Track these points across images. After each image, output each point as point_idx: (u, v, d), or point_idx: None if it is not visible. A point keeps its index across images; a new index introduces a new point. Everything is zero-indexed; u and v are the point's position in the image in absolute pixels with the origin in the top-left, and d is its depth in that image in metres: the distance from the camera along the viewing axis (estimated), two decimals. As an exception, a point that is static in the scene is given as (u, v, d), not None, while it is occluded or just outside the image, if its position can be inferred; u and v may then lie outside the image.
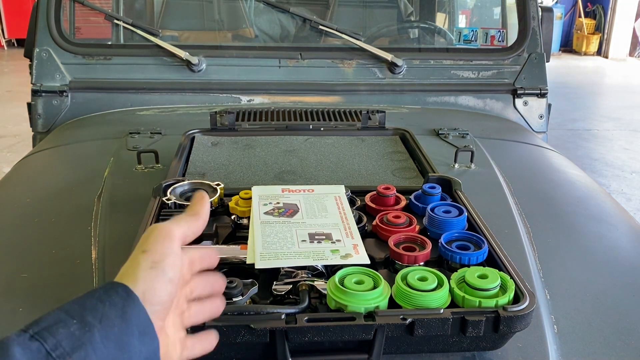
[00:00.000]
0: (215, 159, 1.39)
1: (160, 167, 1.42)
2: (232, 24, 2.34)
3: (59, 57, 1.91)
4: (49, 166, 1.62)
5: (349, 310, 0.75)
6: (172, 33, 2.28)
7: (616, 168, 5.17)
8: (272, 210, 1.01)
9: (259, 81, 1.97)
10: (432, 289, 0.77)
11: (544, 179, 1.54)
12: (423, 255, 0.88)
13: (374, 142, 1.52)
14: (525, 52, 2.02)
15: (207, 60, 1.95)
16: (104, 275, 0.97)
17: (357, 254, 0.88)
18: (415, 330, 0.74)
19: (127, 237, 0.96)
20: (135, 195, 1.24)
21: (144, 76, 1.94)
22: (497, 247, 0.90)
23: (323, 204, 1.04)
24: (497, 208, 1.25)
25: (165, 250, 0.61)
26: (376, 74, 2.00)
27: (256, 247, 0.88)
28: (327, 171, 1.33)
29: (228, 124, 1.56)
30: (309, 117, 1.68)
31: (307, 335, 0.73)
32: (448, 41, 2.34)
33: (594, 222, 1.31)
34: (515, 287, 0.79)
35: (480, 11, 2.97)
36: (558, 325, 0.90)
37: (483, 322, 0.74)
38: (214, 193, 1.06)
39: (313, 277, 0.84)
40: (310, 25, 2.05)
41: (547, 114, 2.04)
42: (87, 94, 1.92)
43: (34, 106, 1.91)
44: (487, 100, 2.03)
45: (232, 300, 0.76)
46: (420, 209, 1.07)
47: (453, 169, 1.47)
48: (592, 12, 11.62)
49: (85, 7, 2.03)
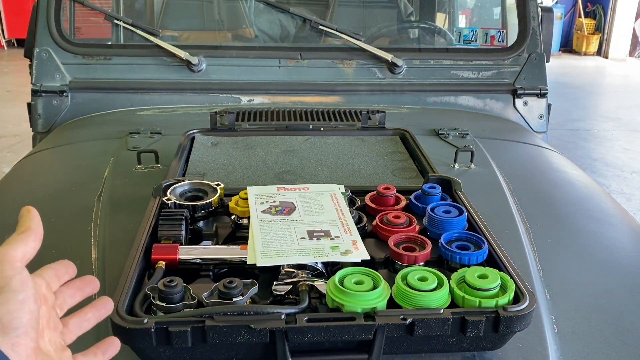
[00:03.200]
0: (215, 159, 1.39)
1: (160, 167, 1.42)
2: (232, 24, 2.34)
3: (59, 57, 1.91)
4: (49, 166, 1.62)
5: (349, 310, 0.75)
6: (172, 33, 2.27)
7: (616, 168, 5.17)
8: (269, 208, 1.01)
9: (259, 81, 1.97)
10: (432, 289, 0.77)
11: (544, 179, 1.54)
12: (423, 255, 0.88)
13: (374, 142, 1.52)
14: (525, 52, 2.01)
15: (207, 60, 1.95)
16: (104, 275, 0.97)
17: (356, 249, 0.88)
18: (415, 330, 0.74)
19: (127, 237, 0.96)
20: (135, 195, 1.24)
21: (144, 76, 1.94)
22: (497, 247, 0.90)
23: (319, 201, 1.04)
24: (497, 208, 1.25)
25: (7, 273, 0.57)
26: (376, 74, 2.00)
27: (256, 245, 0.88)
28: (327, 171, 1.33)
29: (228, 124, 1.56)
30: (309, 117, 1.68)
31: (307, 335, 0.73)
32: (448, 41, 2.34)
33: (594, 222, 1.31)
34: (515, 287, 0.79)
35: (480, 11, 2.97)
36: (558, 325, 0.90)
37: (483, 322, 0.74)
38: (214, 193, 1.06)
39: (313, 277, 0.84)
40: (310, 25, 2.05)
41: (547, 114, 2.04)
42: (87, 94, 1.92)
43: (34, 106, 1.91)
44: (487, 100, 2.03)
45: (232, 300, 0.76)
46: (420, 209, 1.07)
47: (453, 169, 1.47)
48: (592, 12, 11.61)
49: (85, 7, 2.03)
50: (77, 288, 0.68)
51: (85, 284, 0.69)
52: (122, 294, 0.76)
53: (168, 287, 0.76)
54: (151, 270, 0.88)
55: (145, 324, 0.71)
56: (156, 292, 0.77)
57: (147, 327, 0.71)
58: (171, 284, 0.77)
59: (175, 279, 0.78)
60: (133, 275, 0.81)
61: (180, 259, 0.89)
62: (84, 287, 0.68)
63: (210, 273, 0.90)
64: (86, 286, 0.69)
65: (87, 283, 0.69)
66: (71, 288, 0.67)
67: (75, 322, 0.67)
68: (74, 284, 0.68)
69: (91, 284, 0.69)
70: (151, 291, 0.79)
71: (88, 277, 0.69)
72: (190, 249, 0.91)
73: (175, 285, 0.77)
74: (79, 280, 0.69)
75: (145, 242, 0.90)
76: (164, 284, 0.77)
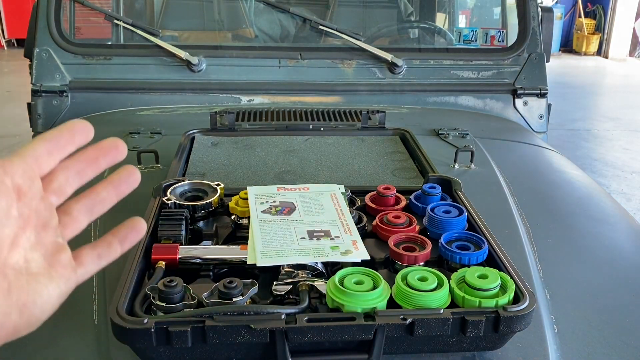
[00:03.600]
0: (215, 159, 1.39)
1: (160, 167, 1.42)
2: (232, 24, 2.34)
3: (59, 57, 1.91)
4: (49, 166, 1.62)
5: (349, 310, 0.75)
6: (172, 33, 2.27)
7: (616, 168, 5.17)
8: (269, 208, 1.01)
9: (259, 81, 1.97)
10: (432, 289, 0.77)
11: (544, 179, 1.54)
12: (423, 255, 0.88)
13: (374, 142, 1.52)
14: (525, 52, 2.01)
15: (207, 60, 1.95)
16: (104, 275, 0.97)
17: (356, 249, 0.88)
18: (415, 330, 0.74)
19: (127, 237, 0.96)
20: (135, 195, 1.23)
21: (144, 76, 1.94)
22: (497, 247, 0.90)
23: (319, 201, 1.04)
24: (497, 208, 1.25)
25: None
26: (376, 74, 2.00)
27: (256, 245, 0.88)
28: (327, 171, 1.33)
29: (228, 124, 1.56)
30: (309, 117, 1.68)
31: (307, 335, 0.72)
32: (448, 41, 2.34)
33: (594, 222, 1.31)
34: (515, 287, 0.79)
35: (480, 11, 2.97)
36: (558, 325, 0.90)
37: (483, 322, 0.74)
38: (214, 193, 1.06)
39: (313, 277, 0.84)
40: (310, 25, 2.05)
41: (547, 114, 2.04)
42: (87, 94, 1.92)
43: (34, 106, 1.91)
44: (487, 100, 2.03)
45: (232, 300, 0.76)
46: (420, 209, 1.07)
47: (453, 169, 1.47)
48: (592, 12, 11.61)
49: (85, 7, 2.03)
50: (89, 160, 0.49)
51: (103, 152, 0.50)
52: (122, 294, 0.76)
53: (168, 287, 0.76)
54: (151, 270, 0.88)
55: (145, 324, 0.71)
56: (156, 292, 0.77)
57: (147, 327, 0.71)
58: (171, 284, 0.77)
59: (175, 279, 0.78)
60: (133, 275, 0.81)
61: (180, 259, 0.89)
62: (100, 156, 0.50)
63: (210, 273, 0.90)
64: (103, 156, 0.50)
65: (105, 151, 0.50)
66: (79, 162, 0.49)
67: (84, 205, 0.50)
68: (84, 154, 0.49)
69: (112, 150, 0.50)
70: (151, 291, 0.79)
71: (109, 141, 0.50)
72: (190, 249, 0.91)
73: (175, 285, 0.77)
74: (92, 148, 0.49)
75: (145, 242, 0.90)
76: (164, 284, 0.77)
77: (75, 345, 0.83)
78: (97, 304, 0.91)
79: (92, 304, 0.91)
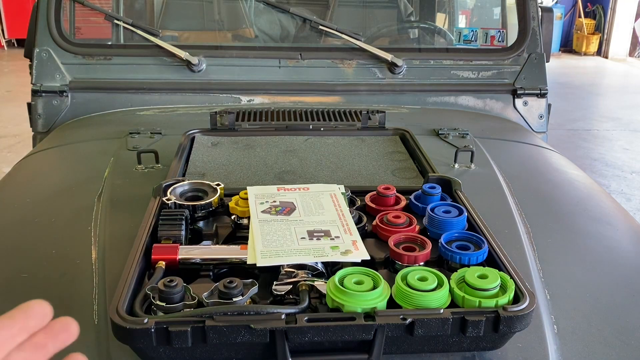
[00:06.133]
0: (215, 159, 1.39)
1: (160, 167, 1.42)
2: (232, 24, 2.34)
3: (59, 57, 1.91)
4: (49, 166, 1.62)
5: (349, 310, 0.75)
6: (172, 33, 2.27)
7: (616, 168, 5.17)
8: (269, 208, 1.01)
9: (259, 81, 1.97)
10: (432, 289, 0.77)
11: (544, 179, 1.54)
12: (423, 255, 0.88)
13: (374, 142, 1.52)
14: (525, 52, 2.01)
15: (207, 60, 1.95)
16: (104, 275, 0.97)
17: (356, 249, 0.88)
18: (415, 330, 0.74)
19: (127, 237, 0.96)
20: (135, 195, 1.24)
21: (144, 76, 1.94)
22: (497, 247, 0.90)
23: (319, 201, 1.04)
24: (497, 208, 1.25)
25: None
26: (376, 74, 2.00)
27: (256, 245, 0.88)
28: (327, 171, 1.33)
29: (228, 124, 1.56)
30: (309, 117, 1.68)
31: (307, 335, 0.73)
32: (448, 41, 2.34)
33: (594, 222, 1.31)
34: (515, 287, 0.79)
35: (480, 11, 2.97)
36: (558, 325, 0.90)
37: (483, 322, 0.74)
38: (214, 193, 1.06)
39: (313, 277, 0.84)
40: (310, 25, 2.05)
41: (547, 114, 2.04)
42: (87, 94, 1.92)
43: (34, 106, 1.91)
44: (487, 100, 2.03)
45: (232, 300, 0.76)
46: (420, 209, 1.07)
47: (453, 169, 1.47)
48: (592, 12, 11.61)
49: (85, 7, 2.03)
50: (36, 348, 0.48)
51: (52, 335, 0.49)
52: (122, 294, 0.76)
53: (168, 287, 0.76)
54: (151, 270, 0.88)
55: (145, 324, 0.71)
56: (156, 292, 0.77)
57: (147, 327, 0.71)
58: (171, 284, 0.77)
59: (175, 279, 0.78)
60: (133, 275, 0.81)
61: (180, 259, 0.89)
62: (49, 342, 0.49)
63: (210, 273, 0.90)
64: (52, 340, 0.49)
65: (54, 333, 0.49)
66: (25, 351, 0.48)
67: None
68: (33, 340, 0.48)
69: (61, 334, 0.49)
70: (151, 291, 0.79)
71: (60, 323, 0.50)
72: (190, 249, 0.91)
73: (175, 285, 0.77)
74: (42, 332, 0.49)
75: (145, 242, 0.90)
76: (164, 284, 0.77)
77: (75, 345, 0.83)
78: (97, 304, 0.91)
79: (92, 304, 0.91)
